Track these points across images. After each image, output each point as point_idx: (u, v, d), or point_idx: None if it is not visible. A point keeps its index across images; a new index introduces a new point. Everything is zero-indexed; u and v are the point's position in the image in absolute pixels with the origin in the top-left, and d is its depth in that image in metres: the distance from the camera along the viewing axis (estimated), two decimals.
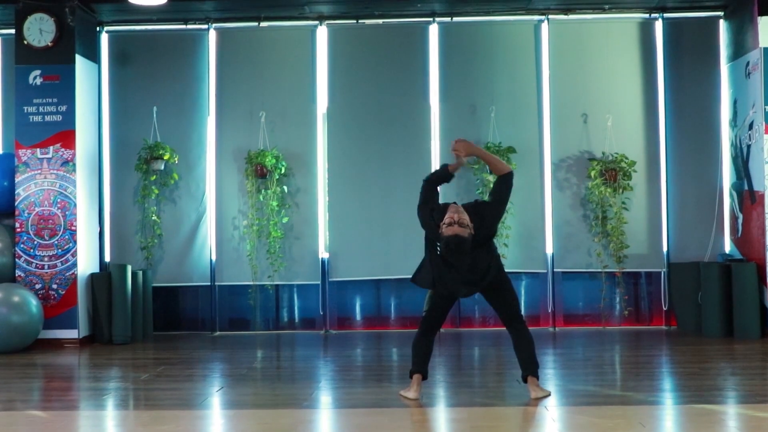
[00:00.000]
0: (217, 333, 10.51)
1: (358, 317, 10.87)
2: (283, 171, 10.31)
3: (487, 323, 10.56)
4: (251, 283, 10.38)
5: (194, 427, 5.18)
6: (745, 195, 9.73)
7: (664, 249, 10.48)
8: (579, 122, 10.42)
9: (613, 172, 10.13)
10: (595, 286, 10.47)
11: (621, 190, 10.16)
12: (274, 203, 10.25)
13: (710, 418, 4.73)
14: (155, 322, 10.39)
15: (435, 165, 10.46)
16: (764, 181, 9.24)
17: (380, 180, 10.49)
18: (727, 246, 10.35)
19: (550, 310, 10.45)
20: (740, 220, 9.91)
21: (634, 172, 10.21)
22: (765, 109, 9.25)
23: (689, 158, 10.50)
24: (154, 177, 10.34)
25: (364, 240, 10.45)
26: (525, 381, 6.09)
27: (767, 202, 9.22)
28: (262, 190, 10.31)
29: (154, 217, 10.39)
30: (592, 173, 10.17)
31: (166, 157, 10.25)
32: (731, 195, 10.18)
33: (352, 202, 10.52)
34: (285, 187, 10.35)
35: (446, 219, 5.73)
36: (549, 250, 10.46)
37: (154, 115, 10.50)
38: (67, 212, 9.55)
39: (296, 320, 10.90)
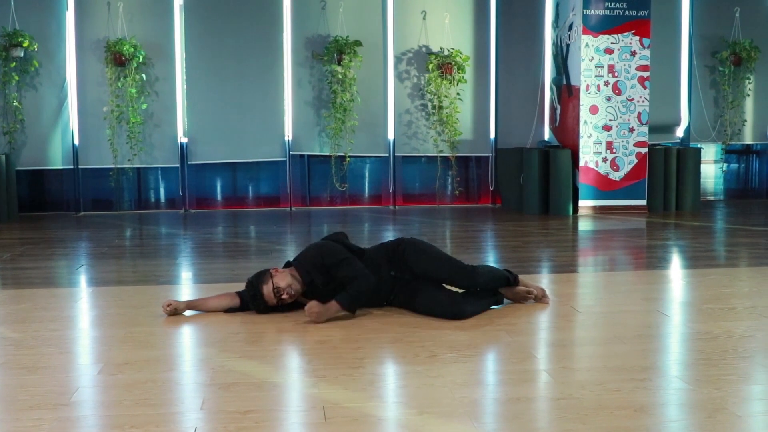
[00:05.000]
0: (81, 213, 9.92)
1: (217, 197, 10.52)
2: (141, 60, 9.60)
3: (335, 202, 10.41)
4: (112, 166, 9.78)
5: (50, 303, 4.78)
6: (564, 89, 9.76)
7: (492, 136, 10.50)
8: (419, 18, 10.15)
9: (449, 66, 9.97)
10: (431, 169, 10.44)
11: (456, 83, 10.04)
12: (133, 90, 9.57)
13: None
14: (20, 204, 9.67)
15: (287, 56, 10.02)
16: (580, 77, 9.26)
17: (235, 70, 9.94)
18: (546, 134, 10.44)
19: (391, 190, 10.37)
20: (558, 111, 9.97)
21: (468, 66, 10.09)
22: (583, 12, 9.19)
23: (516, 55, 10.43)
24: (14, 64, 9.45)
25: (221, 126, 9.96)
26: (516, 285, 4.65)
27: (582, 96, 9.27)
28: (122, 78, 9.62)
29: (16, 103, 9.54)
30: (430, 66, 9.99)
31: (25, 45, 9.35)
32: (551, 89, 10.20)
33: (209, 90, 9.96)
34: (143, 75, 9.68)
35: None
36: (390, 136, 10.30)
37: (12, 3, 9.53)
38: None
39: (157, 201, 10.44)
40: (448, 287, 4.50)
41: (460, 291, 4.49)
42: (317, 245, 4.46)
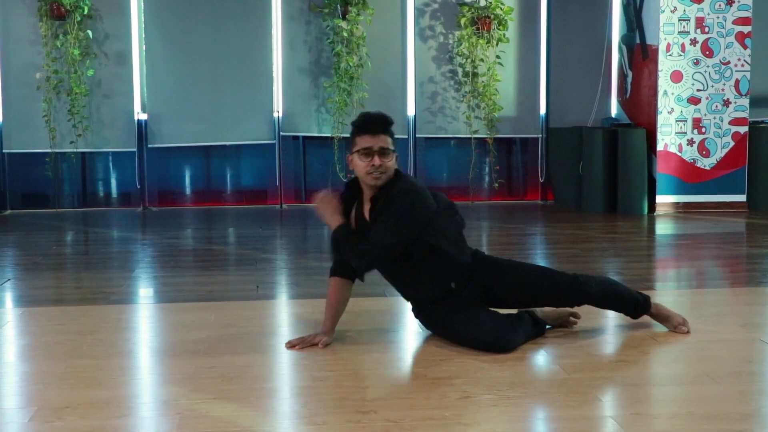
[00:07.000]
0: (9, 211, 9.98)
1: (186, 191, 10.56)
2: (86, 11, 9.65)
3: None
4: (49, 150, 9.83)
5: None
6: (636, 49, 9.74)
7: (542, 112, 10.49)
8: None
9: (487, 21, 9.97)
10: (463, 155, 10.43)
11: (496, 43, 10.02)
12: (76, 52, 9.63)
13: (590, 308, 4.70)
14: None
15: (276, 7, 10.04)
16: (659, 34, 9.23)
17: (209, 26, 10.00)
18: (614, 109, 10.43)
19: None
20: (629, 79, 9.94)
21: (511, 21, 10.08)
22: None
23: (573, 6, 10.44)
24: None
25: (191, 99, 10.01)
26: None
27: (661, 58, 9.25)
28: (60, 35, 9.67)
29: None
30: (462, 21, 9.98)
31: None
32: (620, 49, 10.18)
33: (176, 52, 10.01)
34: (90, 32, 9.73)
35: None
36: (410, 111, 10.31)
37: None
38: None
39: (107, 196, 10.51)
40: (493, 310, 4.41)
41: (505, 313, 4.41)
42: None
